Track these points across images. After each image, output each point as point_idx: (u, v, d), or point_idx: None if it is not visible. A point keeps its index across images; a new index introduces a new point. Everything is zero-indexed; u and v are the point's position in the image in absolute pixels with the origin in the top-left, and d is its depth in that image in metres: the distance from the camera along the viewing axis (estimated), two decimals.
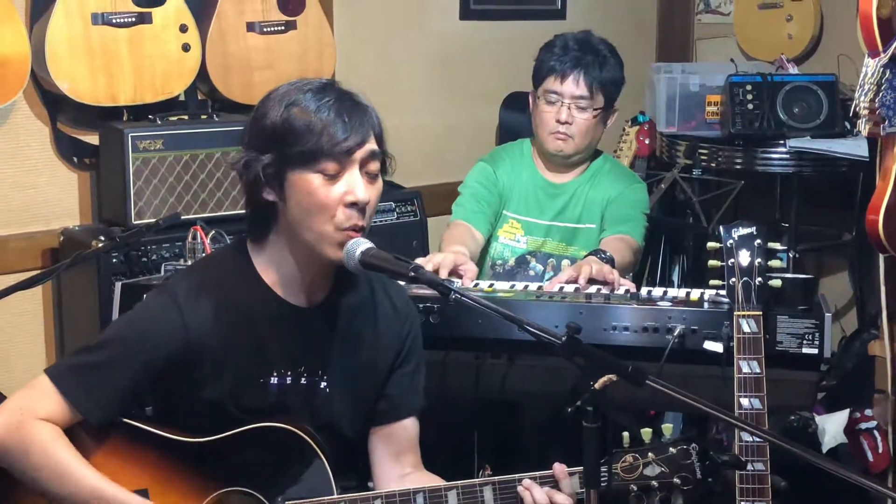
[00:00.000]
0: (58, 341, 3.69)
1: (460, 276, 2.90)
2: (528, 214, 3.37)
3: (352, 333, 2.27)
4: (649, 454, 2.05)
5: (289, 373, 2.21)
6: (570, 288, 2.83)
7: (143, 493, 2.13)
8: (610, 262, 2.99)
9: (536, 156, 3.41)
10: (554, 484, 2.11)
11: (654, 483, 2.05)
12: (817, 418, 3.93)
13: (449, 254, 2.98)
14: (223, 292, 2.18)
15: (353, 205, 2.09)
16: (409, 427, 2.36)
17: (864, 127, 3.04)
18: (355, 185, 2.10)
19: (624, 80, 3.33)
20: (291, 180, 2.10)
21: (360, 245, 2.08)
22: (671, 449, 2.05)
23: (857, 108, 3.01)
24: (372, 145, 2.13)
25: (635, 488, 2.05)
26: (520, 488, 2.11)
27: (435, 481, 2.30)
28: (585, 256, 3.09)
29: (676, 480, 2.03)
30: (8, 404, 2.13)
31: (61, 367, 2.16)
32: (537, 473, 2.12)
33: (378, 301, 2.32)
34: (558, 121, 3.25)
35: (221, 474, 2.16)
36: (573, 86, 3.24)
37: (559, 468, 2.11)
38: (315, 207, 2.09)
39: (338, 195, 2.09)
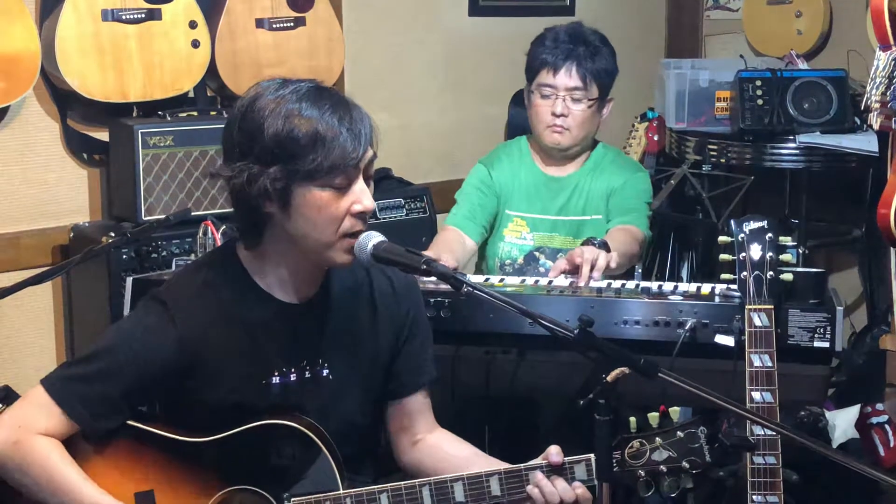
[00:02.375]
0: (68, 337, 3.70)
1: None
2: (531, 211, 3.37)
3: (349, 320, 2.26)
4: (657, 439, 2.03)
5: (291, 370, 2.21)
6: (581, 282, 2.83)
7: (148, 494, 2.13)
8: (603, 247, 2.98)
9: (535, 151, 3.41)
10: (558, 471, 2.09)
11: (663, 468, 2.02)
12: (827, 414, 3.92)
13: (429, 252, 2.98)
14: (214, 297, 2.17)
15: (360, 214, 2.09)
16: (419, 400, 2.37)
17: (875, 121, 3.03)
18: (363, 194, 2.09)
19: (617, 69, 3.32)
20: (298, 194, 2.07)
21: (372, 239, 2.08)
22: (679, 433, 2.02)
23: (869, 102, 3.00)
24: (371, 150, 2.12)
25: (643, 474, 2.03)
26: (530, 488, 2.10)
27: (445, 438, 2.36)
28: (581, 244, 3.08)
29: (685, 464, 2.01)
30: (5, 419, 2.14)
31: (57, 379, 2.15)
32: (543, 462, 2.11)
33: (375, 283, 2.30)
34: (554, 114, 3.25)
35: (227, 473, 2.16)
36: (566, 78, 3.23)
37: (554, 454, 2.11)
38: (324, 221, 2.08)
39: (346, 207, 2.08)
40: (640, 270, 3.69)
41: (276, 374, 2.19)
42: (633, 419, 2.07)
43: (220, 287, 2.19)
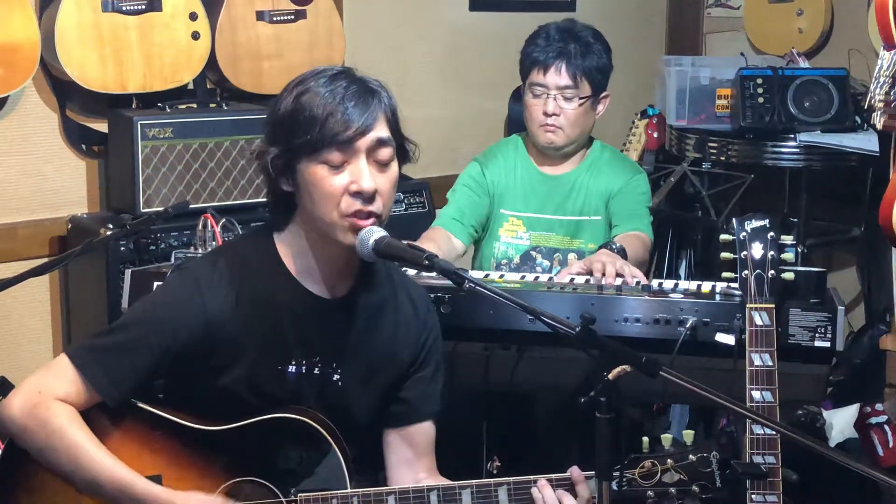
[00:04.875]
0: (65, 328, 3.69)
1: None
2: (527, 210, 3.35)
3: (370, 330, 2.26)
4: (668, 461, 2.02)
5: (304, 362, 2.21)
6: (581, 279, 2.82)
7: (156, 479, 2.12)
8: (621, 252, 2.98)
9: (530, 149, 3.39)
10: (569, 487, 2.10)
11: (672, 490, 2.02)
12: (825, 413, 3.92)
13: None
14: (246, 278, 2.18)
15: (357, 194, 2.09)
16: (424, 431, 2.35)
17: (878, 120, 3.03)
18: (359, 174, 2.09)
19: (611, 64, 3.30)
20: (300, 171, 2.11)
21: (374, 234, 2.08)
22: (691, 456, 2.02)
23: (872, 101, 3.00)
24: (378, 133, 2.11)
25: (652, 494, 2.03)
26: (534, 489, 2.10)
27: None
28: (598, 249, 3.08)
29: (695, 488, 2.01)
30: (26, 384, 2.13)
31: (81, 348, 2.16)
32: (553, 476, 2.11)
33: (400, 302, 2.31)
34: (545, 113, 3.23)
35: (235, 464, 2.16)
36: (556, 76, 3.21)
37: (576, 472, 2.10)
38: (321, 197, 2.09)
39: (342, 184, 2.09)
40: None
41: (293, 362, 2.20)
42: (645, 439, 2.07)
43: (251, 267, 2.20)
